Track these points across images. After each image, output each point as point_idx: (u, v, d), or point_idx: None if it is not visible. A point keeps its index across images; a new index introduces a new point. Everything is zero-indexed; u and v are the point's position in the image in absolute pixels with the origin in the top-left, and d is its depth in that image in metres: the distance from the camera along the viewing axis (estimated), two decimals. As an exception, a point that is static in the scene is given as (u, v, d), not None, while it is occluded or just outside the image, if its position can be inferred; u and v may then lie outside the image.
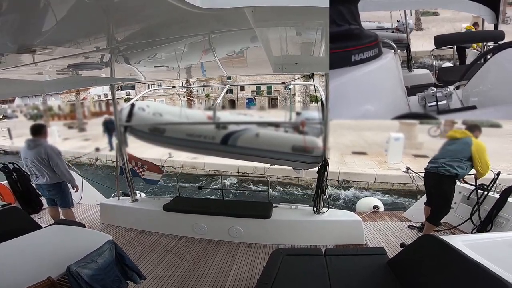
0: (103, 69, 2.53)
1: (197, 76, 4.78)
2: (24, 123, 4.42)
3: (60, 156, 3.86)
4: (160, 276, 3.17)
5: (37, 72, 2.64)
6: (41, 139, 3.75)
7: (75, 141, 17.93)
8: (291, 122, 4.99)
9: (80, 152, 13.57)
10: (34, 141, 3.72)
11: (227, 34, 1.73)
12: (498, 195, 3.90)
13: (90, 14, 1.19)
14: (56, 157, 3.77)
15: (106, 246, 2.32)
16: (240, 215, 3.92)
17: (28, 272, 2.05)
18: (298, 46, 2.16)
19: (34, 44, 1.56)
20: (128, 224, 4.46)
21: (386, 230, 4.32)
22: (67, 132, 19.42)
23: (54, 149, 3.79)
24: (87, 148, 14.54)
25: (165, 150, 3.71)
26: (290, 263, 2.54)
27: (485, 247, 2.11)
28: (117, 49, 1.93)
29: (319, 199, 3.81)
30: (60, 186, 3.97)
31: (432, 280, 1.99)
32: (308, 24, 1.51)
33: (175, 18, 1.34)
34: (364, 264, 2.53)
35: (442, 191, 3.67)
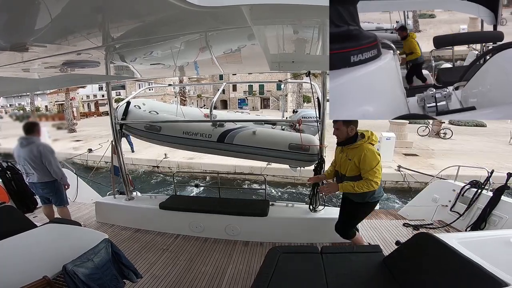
0: (99, 66, 2.51)
1: (190, 75, 4.76)
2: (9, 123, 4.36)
3: (54, 154, 3.82)
4: (157, 275, 3.17)
5: (31, 70, 2.60)
6: (34, 137, 3.70)
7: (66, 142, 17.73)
8: (288, 120, 4.99)
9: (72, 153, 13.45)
10: (27, 139, 3.68)
11: (224, 32, 1.72)
12: (492, 193, 3.95)
13: (85, 11, 1.17)
14: (49, 155, 3.73)
15: (102, 244, 2.31)
16: (237, 213, 3.93)
17: (23, 271, 2.04)
18: (295, 45, 2.15)
19: (28, 41, 1.54)
20: (124, 223, 4.44)
21: (381, 228, 4.35)
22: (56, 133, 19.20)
23: (47, 147, 3.75)
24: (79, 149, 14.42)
25: (161, 151, 3.70)
26: (286, 261, 2.55)
27: (479, 245, 2.14)
28: (112, 46, 1.91)
29: (315, 197, 3.82)
30: (54, 184, 3.93)
31: (427, 277, 2.02)
32: (307, 22, 1.51)
33: (172, 16, 1.33)
34: (360, 262, 2.55)
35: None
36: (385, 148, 11.07)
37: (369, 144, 2.82)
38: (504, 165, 10.45)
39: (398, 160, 11.21)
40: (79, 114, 35.79)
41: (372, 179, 2.70)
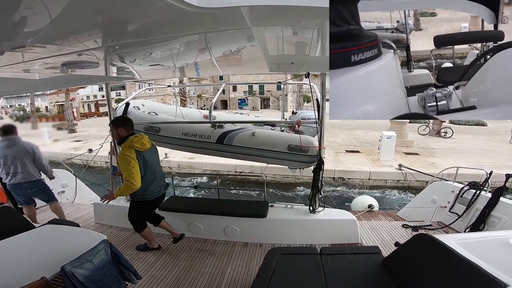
0: (98, 67, 2.50)
1: (190, 76, 4.76)
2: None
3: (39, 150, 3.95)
4: (156, 276, 3.16)
5: (31, 70, 2.60)
6: (16, 137, 3.77)
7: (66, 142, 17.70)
8: (287, 121, 4.99)
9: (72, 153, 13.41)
10: (12, 140, 3.73)
11: (223, 33, 1.72)
12: (490, 194, 3.96)
13: (85, 12, 1.17)
14: (38, 152, 3.87)
15: (101, 245, 2.30)
16: (236, 215, 3.92)
17: (21, 272, 2.02)
18: (294, 46, 2.16)
19: (27, 42, 1.54)
20: (123, 224, 4.41)
21: (380, 229, 4.35)
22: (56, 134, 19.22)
23: (33, 144, 3.88)
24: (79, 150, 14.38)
25: (161, 151, 3.70)
26: (285, 262, 2.54)
27: (478, 246, 2.15)
28: (112, 47, 1.91)
29: (315, 198, 3.82)
30: (42, 181, 4.04)
31: (426, 278, 2.02)
32: (306, 23, 1.51)
33: (171, 17, 1.33)
34: (359, 263, 2.55)
35: None
36: (386, 147, 11.14)
37: (127, 148, 2.95)
38: (505, 164, 10.50)
39: (399, 159, 11.23)
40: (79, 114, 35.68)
41: (128, 179, 2.88)
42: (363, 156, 12.15)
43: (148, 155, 3.10)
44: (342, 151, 13.17)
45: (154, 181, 3.21)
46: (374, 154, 12.29)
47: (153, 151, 3.26)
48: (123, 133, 3.06)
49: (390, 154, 11.24)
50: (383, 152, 11.21)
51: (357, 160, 11.48)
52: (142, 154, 3.02)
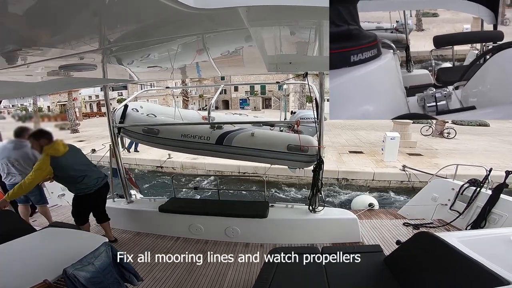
0: (96, 70, 2.49)
1: (192, 76, 4.74)
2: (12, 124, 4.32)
3: None
4: (157, 278, 3.16)
5: (28, 73, 2.59)
6: (25, 141, 3.78)
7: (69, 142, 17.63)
8: (286, 121, 4.99)
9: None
10: (20, 142, 3.79)
11: (221, 34, 1.72)
12: (491, 191, 3.96)
13: (82, 14, 1.17)
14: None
15: (102, 248, 2.30)
16: (237, 215, 3.91)
17: (23, 275, 2.02)
18: (292, 46, 2.15)
19: (25, 45, 1.53)
20: (124, 226, 4.42)
21: (381, 228, 4.35)
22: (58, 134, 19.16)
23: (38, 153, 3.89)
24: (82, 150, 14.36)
25: (165, 151, 3.71)
26: (287, 262, 2.54)
27: (479, 243, 2.14)
28: (109, 49, 1.90)
29: (315, 198, 3.81)
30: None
31: (428, 276, 2.02)
32: (304, 23, 1.50)
33: (168, 18, 1.32)
34: (360, 262, 2.54)
35: None
36: (389, 148, 11.11)
37: (43, 156, 3.20)
38: (508, 164, 10.45)
39: (402, 160, 11.22)
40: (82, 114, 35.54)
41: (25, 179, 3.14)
42: (366, 157, 12.13)
43: (67, 159, 3.31)
44: (345, 151, 13.14)
45: (86, 177, 3.45)
46: (377, 154, 12.26)
47: (72, 154, 3.46)
48: (45, 143, 3.23)
49: (393, 155, 11.22)
50: (387, 153, 11.19)
51: (360, 161, 11.46)
52: (59, 159, 3.23)
